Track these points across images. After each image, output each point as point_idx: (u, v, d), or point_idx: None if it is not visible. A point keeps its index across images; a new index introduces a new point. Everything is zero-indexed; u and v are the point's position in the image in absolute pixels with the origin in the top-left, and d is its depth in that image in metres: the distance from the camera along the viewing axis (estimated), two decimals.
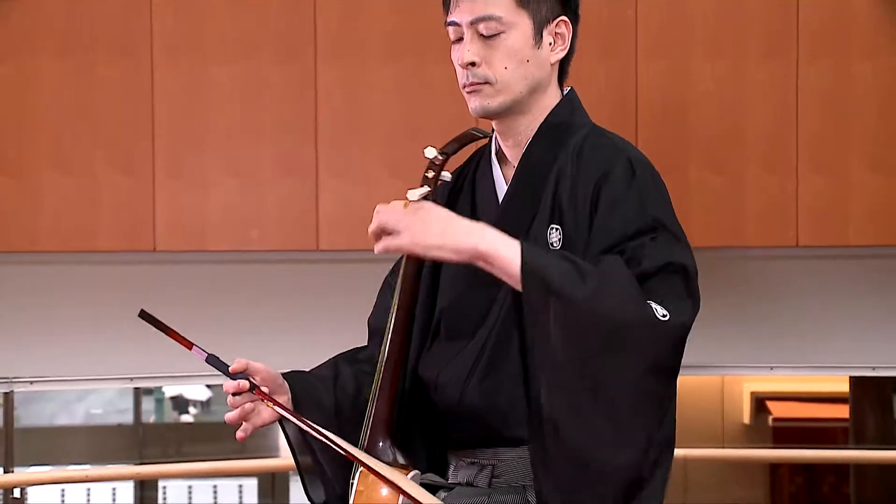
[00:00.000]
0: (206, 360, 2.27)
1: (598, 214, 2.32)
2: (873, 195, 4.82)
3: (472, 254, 2.21)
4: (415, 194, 2.40)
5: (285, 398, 2.41)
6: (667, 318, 2.20)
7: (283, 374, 2.44)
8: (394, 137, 4.83)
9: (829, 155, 4.82)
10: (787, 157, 4.81)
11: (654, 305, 2.20)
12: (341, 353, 2.59)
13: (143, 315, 2.25)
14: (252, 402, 2.34)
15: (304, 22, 4.84)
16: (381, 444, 2.36)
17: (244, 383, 2.31)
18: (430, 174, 2.44)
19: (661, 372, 2.23)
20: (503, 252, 2.20)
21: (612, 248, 2.28)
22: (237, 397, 2.33)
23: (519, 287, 2.20)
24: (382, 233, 2.24)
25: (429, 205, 2.28)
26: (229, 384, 2.31)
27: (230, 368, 2.31)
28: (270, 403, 2.32)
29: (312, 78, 4.85)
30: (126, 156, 4.84)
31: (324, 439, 2.25)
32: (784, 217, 4.82)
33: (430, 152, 2.47)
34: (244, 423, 2.36)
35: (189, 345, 2.26)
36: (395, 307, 2.41)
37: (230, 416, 2.35)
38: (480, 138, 2.52)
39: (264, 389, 2.34)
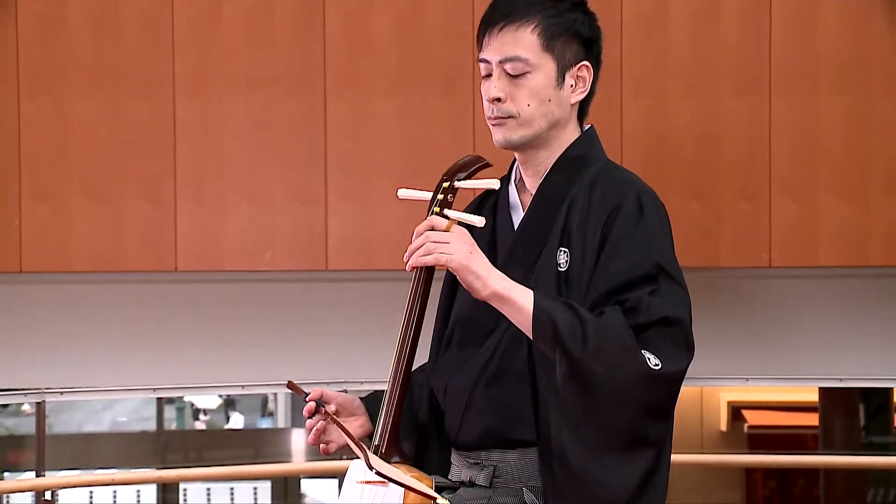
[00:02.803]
0: (302, 398, 2.43)
1: (605, 250, 2.36)
2: (841, 220, 4.82)
3: (494, 294, 2.29)
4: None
5: (363, 419, 2.50)
6: (659, 367, 2.27)
7: (362, 398, 2.52)
8: (397, 166, 4.84)
9: (799, 183, 4.83)
10: (760, 185, 4.82)
11: (647, 355, 2.27)
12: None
13: (290, 385, 2.41)
14: (324, 423, 2.44)
15: (315, 60, 4.86)
16: (395, 448, 2.37)
17: (311, 405, 2.41)
18: (450, 197, 2.41)
19: (654, 413, 2.30)
20: (519, 298, 2.28)
21: (616, 292, 2.33)
22: (311, 420, 2.43)
23: (526, 331, 2.29)
24: (430, 249, 2.27)
25: (468, 236, 2.30)
26: (306, 408, 2.44)
27: (308, 397, 2.43)
28: (332, 422, 2.40)
29: (322, 111, 4.87)
30: (150, 184, 4.86)
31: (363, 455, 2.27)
32: (758, 240, 4.83)
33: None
34: (325, 442, 2.46)
35: (300, 392, 2.41)
36: (411, 322, 2.37)
37: (309, 438, 2.45)
38: (482, 164, 2.47)
39: (331, 408, 2.43)
